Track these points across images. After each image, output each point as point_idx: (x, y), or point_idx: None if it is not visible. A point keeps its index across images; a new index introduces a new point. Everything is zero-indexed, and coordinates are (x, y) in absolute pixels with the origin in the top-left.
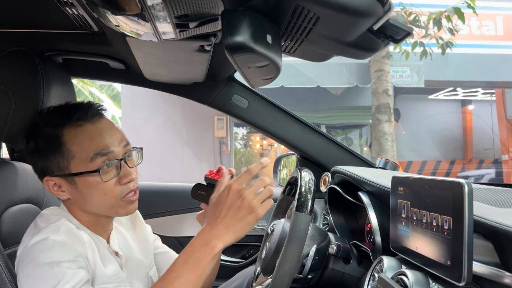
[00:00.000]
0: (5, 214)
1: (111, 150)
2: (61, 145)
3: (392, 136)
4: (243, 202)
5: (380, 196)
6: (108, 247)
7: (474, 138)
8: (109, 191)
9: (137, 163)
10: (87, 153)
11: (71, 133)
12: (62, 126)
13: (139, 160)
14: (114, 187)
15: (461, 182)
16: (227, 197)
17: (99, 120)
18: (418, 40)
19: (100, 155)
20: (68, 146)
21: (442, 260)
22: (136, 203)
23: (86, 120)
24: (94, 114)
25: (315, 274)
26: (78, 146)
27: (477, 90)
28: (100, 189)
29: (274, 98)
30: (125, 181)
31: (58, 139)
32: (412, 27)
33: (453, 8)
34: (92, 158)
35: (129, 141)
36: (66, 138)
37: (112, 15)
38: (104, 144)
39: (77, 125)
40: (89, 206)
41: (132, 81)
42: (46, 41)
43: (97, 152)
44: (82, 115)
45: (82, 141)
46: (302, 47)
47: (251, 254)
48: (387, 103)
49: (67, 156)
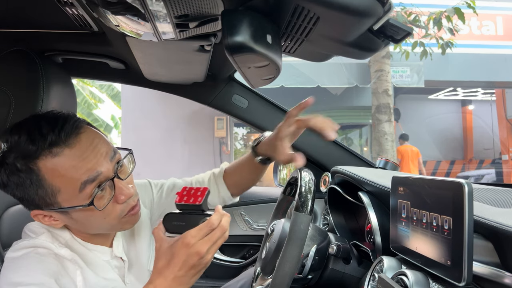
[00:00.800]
0: (5, 214)
1: (99, 172)
2: (41, 181)
3: (392, 136)
4: (200, 260)
5: (380, 196)
6: (111, 252)
7: (474, 138)
8: (109, 214)
9: (131, 171)
10: (74, 184)
11: (48, 165)
12: (36, 158)
13: (132, 165)
14: (112, 208)
15: (461, 182)
16: (183, 252)
17: (76, 140)
18: (418, 40)
19: (89, 182)
20: (49, 181)
21: (442, 260)
22: (138, 214)
23: (61, 145)
24: (69, 134)
25: (315, 274)
26: (61, 179)
27: (477, 90)
28: (98, 215)
29: (274, 98)
30: (123, 199)
31: (35, 175)
32: (412, 27)
33: (453, 8)
34: (81, 188)
35: (115, 149)
36: (44, 172)
37: (112, 15)
38: (90, 167)
39: (53, 154)
40: (89, 230)
41: (132, 81)
42: (46, 41)
43: (85, 180)
44: (55, 139)
45: (64, 172)
46: (302, 47)
47: (251, 254)
48: (387, 103)
49: (52, 191)
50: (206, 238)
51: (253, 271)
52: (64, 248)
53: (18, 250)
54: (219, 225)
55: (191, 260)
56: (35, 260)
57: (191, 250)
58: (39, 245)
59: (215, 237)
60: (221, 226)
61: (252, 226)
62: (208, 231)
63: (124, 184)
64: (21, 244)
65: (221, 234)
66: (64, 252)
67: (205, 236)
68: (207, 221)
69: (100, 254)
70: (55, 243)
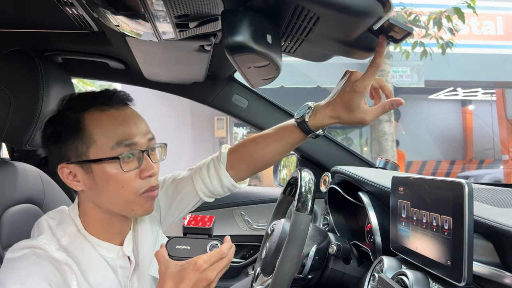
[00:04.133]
0: (5, 214)
1: (135, 141)
2: (82, 129)
3: (392, 136)
4: (208, 286)
5: (380, 196)
6: (119, 250)
7: (474, 138)
8: (128, 183)
9: (161, 159)
10: (109, 140)
11: (94, 117)
12: (85, 110)
13: (163, 156)
14: (133, 180)
15: (461, 182)
16: (193, 276)
17: (123, 108)
18: (418, 40)
19: (123, 145)
20: (89, 131)
21: (442, 260)
22: (154, 202)
23: (110, 106)
24: (119, 101)
25: (315, 274)
26: (100, 132)
27: (477, 90)
28: (118, 180)
29: (274, 98)
30: (146, 175)
31: (79, 123)
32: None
33: (453, 8)
34: (113, 147)
35: (154, 136)
36: (87, 122)
37: (112, 15)
38: (128, 133)
39: (101, 110)
40: (104, 200)
41: (132, 81)
42: (46, 41)
43: (120, 141)
44: (106, 101)
45: (104, 127)
46: (302, 47)
47: (251, 254)
48: None
49: (87, 141)
50: (216, 265)
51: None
52: (60, 251)
53: (17, 250)
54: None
55: (200, 285)
56: (32, 262)
57: (202, 275)
58: (36, 246)
59: (223, 264)
60: (229, 255)
61: (252, 226)
62: (218, 258)
63: (151, 162)
64: (20, 245)
65: (228, 263)
66: (59, 255)
67: (215, 263)
68: (219, 248)
69: (106, 251)
70: (51, 245)
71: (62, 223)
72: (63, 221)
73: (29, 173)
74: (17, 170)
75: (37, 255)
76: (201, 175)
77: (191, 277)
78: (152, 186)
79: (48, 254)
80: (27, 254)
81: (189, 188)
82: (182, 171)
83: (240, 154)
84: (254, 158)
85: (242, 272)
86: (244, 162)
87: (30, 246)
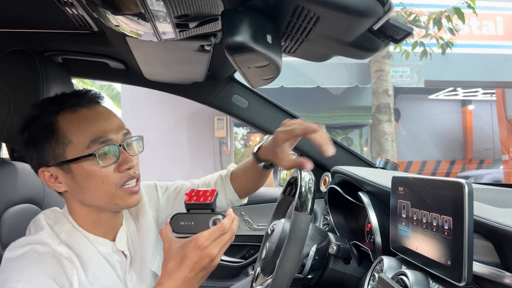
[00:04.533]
0: (5, 214)
1: (109, 137)
2: (56, 131)
3: (392, 136)
4: (211, 262)
5: (380, 196)
6: (112, 245)
7: (474, 138)
8: (107, 178)
9: (138, 152)
10: (84, 139)
11: (66, 118)
12: (57, 113)
13: (140, 149)
14: (112, 174)
15: (461, 182)
16: (195, 254)
17: (95, 107)
18: (418, 40)
19: (98, 143)
20: (63, 132)
21: (442, 260)
22: (138, 195)
23: (82, 106)
24: (89, 100)
25: (315, 274)
26: (74, 132)
27: (477, 90)
28: (98, 176)
29: (274, 98)
30: (124, 168)
31: (53, 126)
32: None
33: (453, 8)
34: (89, 145)
35: (129, 130)
36: (61, 124)
37: (112, 15)
38: (102, 130)
39: (72, 110)
40: (88, 197)
41: (132, 81)
42: (46, 41)
43: (94, 138)
44: (77, 101)
45: (78, 126)
46: (302, 47)
47: (251, 254)
48: (387, 103)
49: (63, 142)
50: (217, 241)
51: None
52: (62, 245)
53: (16, 249)
54: (229, 228)
55: (203, 262)
56: (33, 259)
57: (204, 252)
58: (38, 242)
59: (225, 239)
60: (231, 229)
61: (252, 226)
62: (220, 234)
63: (128, 155)
64: (19, 242)
65: (230, 237)
66: (61, 249)
67: (218, 239)
68: (220, 224)
69: (102, 246)
70: (53, 240)
71: (58, 221)
72: (58, 220)
73: (29, 173)
74: (17, 170)
75: (37, 252)
76: (206, 186)
77: (193, 255)
78: (131, 176)
79: (51, 249)
80: (28, 252)
81: None
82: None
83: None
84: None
85: (242, 272)
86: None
87: (31, 242)
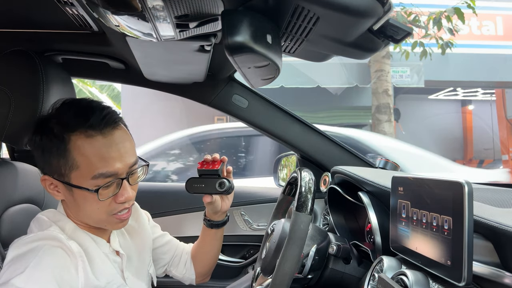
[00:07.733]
0: (5, 214)
1: (115, 171)
2: (67, 151)
3: (392, 136)
4: None
5: (380, 196)
6: (109, 246)
7: (474, 138)
8: (103, 206)
9: (139, 180)
10: (91, 170)
11: (79, 142)
12: (72, 131)
13: (142, 177)
14: (109, 203)
15: (461, 182)
16: None
17: (111, 133)
18: (418, 40)
19: (104, 176)
20: (73, 156)
21: (442, 260)
22: (126, 221)
23: (98, 131)
24: (108, 124)
25: (315, 274)
26: (84, 159)
27: (477, 90)
28: (94, 204)
29: (274, 98)
30: (121, 200)
31: (65, 145)
32: (412, 27)
33: (453, 8)
34: (94, 176)
35: (137, 156)
36: (72, 147)
37: (112, 15)
38: (110, 165)
39: (87, 135)
40: (80, 215)
41: (132, 81)
42: (46, 41)
43: (101, 172)
44: (95, 123)
45: (88, 155)
46: (302, 47)
47: (251, 254)
48: (387, 103)
49: (71, 164)
50: None
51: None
52: (72, 240)
53: (23, 245)
54: None
55: None
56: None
57: None
58: (49, 236)
59: None
60: None
61: (252, 226)
62: None
63: (129, 188)
64: (26, 239)
65: None
66: (71, 244)
67: None
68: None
69: (101, 245)
70: (63, 235)
71: (60, 220)
72: (60, 219)
73: (29, 173)
74: (17, 170)
75: (44, 249)
76: (176, 264)
77: None
78: (125, 208)
79: (61, 244)
80: (35, 249)
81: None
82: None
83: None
84: (203, 259)
85: (242, 272)
86: (199, 262)
87: (42, 238)
